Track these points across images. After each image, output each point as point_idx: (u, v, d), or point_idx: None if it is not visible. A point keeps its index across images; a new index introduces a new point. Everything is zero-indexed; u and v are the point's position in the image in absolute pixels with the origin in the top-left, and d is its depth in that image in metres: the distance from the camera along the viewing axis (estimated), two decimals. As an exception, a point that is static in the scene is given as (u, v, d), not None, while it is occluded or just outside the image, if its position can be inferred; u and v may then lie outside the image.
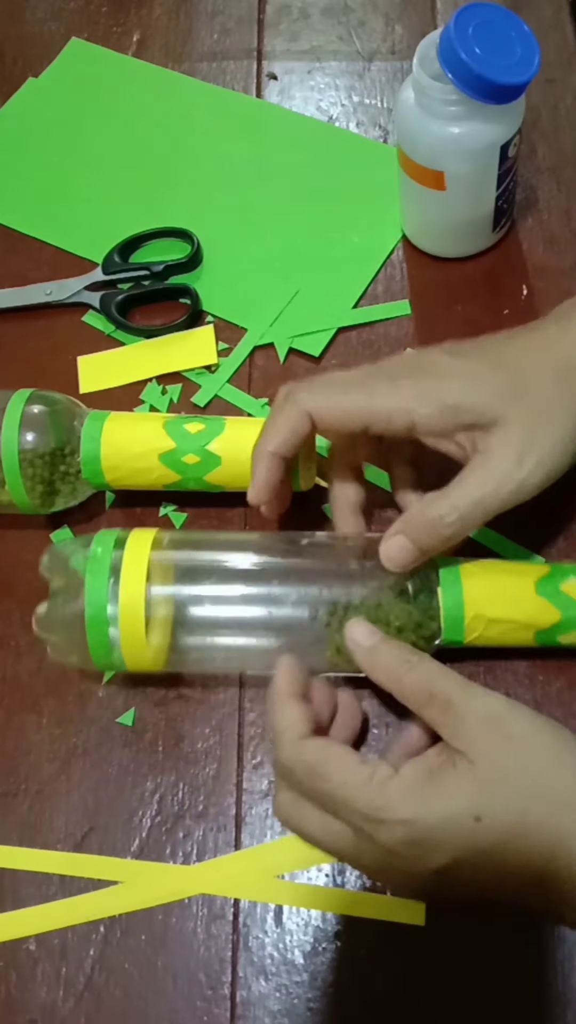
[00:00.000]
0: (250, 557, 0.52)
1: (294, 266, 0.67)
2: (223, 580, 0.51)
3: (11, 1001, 0.48)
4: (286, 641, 0.50)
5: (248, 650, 0.51)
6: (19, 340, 0.67)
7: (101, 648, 0.49)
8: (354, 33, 0.78)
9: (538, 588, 0.49)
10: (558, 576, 0.50)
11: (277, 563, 0.52)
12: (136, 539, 0.51)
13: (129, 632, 0.49)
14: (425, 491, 0.51)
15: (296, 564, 0.52)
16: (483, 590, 0.49)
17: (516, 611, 0.49)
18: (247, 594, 0.50)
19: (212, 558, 0.52)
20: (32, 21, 0.80)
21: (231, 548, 0.52)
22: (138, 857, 0.51)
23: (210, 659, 0.52)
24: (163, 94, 0.76)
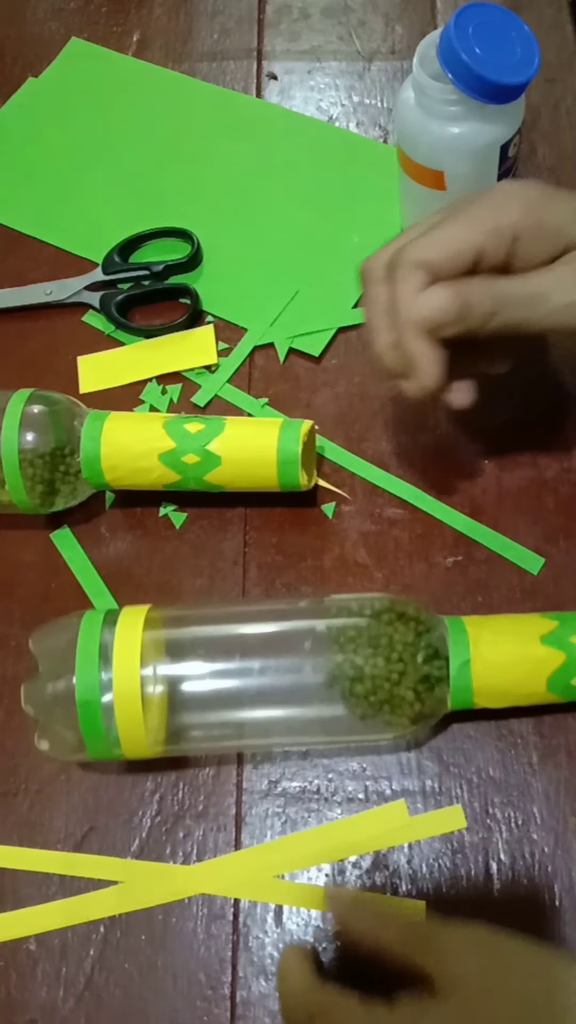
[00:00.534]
0: (249, 627, 0.50)
1: (294, 266, 0.67)
2: (220, 655, 0.49)
3: (11, 1001, 0.48)
4: (293, 709, 0.49)
5: (250, 724, 0.50)
6: (19, 340, 0.67)
7: (100, 750, 0.48)
8: (354, 33, 0.78)
9: (550, 685, 0.48)
10: (573, 668, 0.48)
11: (277, 631, 0.50)
12: (126, 622, 0.49)
13: (128, 724, 0.47)
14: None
15: (299, 630, 0.50)
16: (493, 690, 0.49)
17: (522, 702, 0.50)
18: (248, 667, 0.49)
19: (207, 633, 0.50)
20: (32, 21, 0.80)
21: (225, 621, 0.51)
22: (138, 857, 0.51)
23: (211, 739, 0.51)
24: (163, 94, 0.76)
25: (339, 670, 0.48)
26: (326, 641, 0.49)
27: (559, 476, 0.59)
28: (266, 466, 0.55)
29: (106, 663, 0.47)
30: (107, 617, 0.49)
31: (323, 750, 0.52)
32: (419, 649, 0.48)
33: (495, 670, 0.48)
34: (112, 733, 0.48)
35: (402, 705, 0.48)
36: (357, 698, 0.48)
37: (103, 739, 0.48)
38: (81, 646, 0.48)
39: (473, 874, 0.49)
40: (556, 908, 0.48)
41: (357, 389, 0.63)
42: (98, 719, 0.47)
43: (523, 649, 0.49)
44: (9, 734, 0.54)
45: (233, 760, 0.53)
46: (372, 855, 0.50)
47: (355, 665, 0.48)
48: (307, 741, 0.52)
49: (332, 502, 0.59)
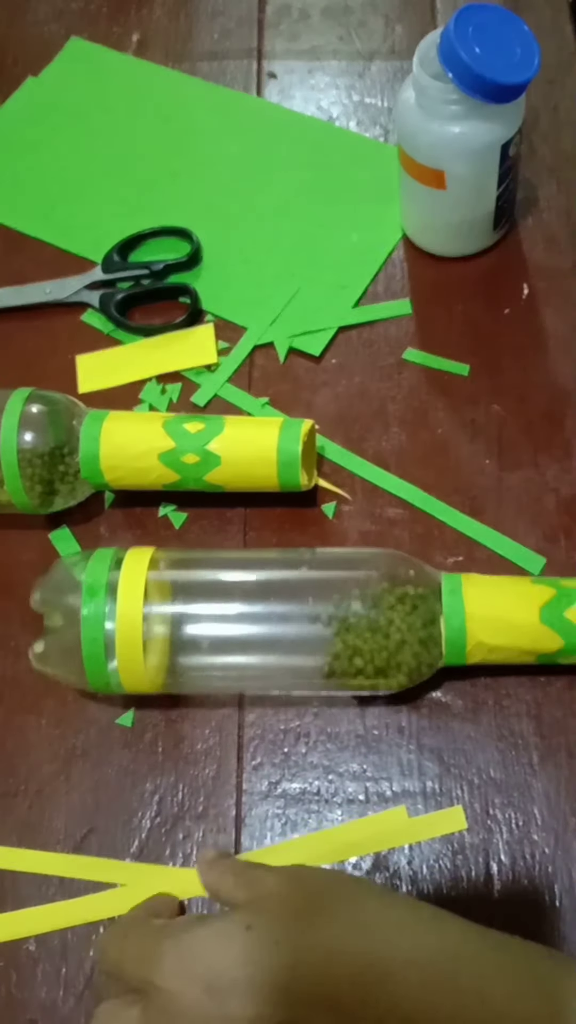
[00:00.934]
0: (249, 574, 0.51)
1: (294, 265, 0.67)
2: (222, 598, 0.51)
3: (11, 1001, 0.48)
4: (287, 657, 0.50)
5: (247, 668, 0.51)
6: (18, 339, 0.66)
7: (99, 674, 0.49)
8: (354, 33, 0.78)
9: (542, 616, 0.49)
10: (563, 601, 0.49)
11: (276, 579, 0.51)
12: (132, 560, 0.50)
13: (127, 656, 0.49)
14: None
15: (296, 580, 0.51)
16: (486, 617, 0.49)
17: (519, 639, 0.49)
18: (246, 612, 0.50)
19: (209, 577, 0.52)
20: (32, 21, 0.80)
21: (229, 566, 0.52)
22: (138, 858, 0.51)
23: (209, 679, 0.52)
24: (163, 94, 0.76)
25: (338, 659, 0.49)
26: (326, 593, 0.50)
27: (559, 476, 0.59)
28: (266, 466, 0.55)
29: (111, 597, 0.49)
30: (114, 554, 0.51)
31: (322, 739, 0.52)
32: (417, 617, 0.49)
33: (486, 596, 0.49)
34: (112, 666, 0.49)
35: (400, 667, 0.49)
36: (356, 672, 0.49)
37: (102, 664, 0.49)
38: (89, 574, 0.49)
39: (474, 875, 0.49)
40: (556, 908, 0.48)
41: (357, 389, 0.63)
42: (100, 647, 0.48)
43: (513, 583, 0.51)
44: (9, 734, 0.54)
45: (233, 761, 0.53)
46: (372, 856, 0.50)
47: (355, 648, 0.49)
48: (305, 684, 0.52)
49: (332, 502, 0.59)
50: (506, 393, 0.61)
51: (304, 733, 0.53)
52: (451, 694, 0.53)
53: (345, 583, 0.50)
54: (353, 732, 0.53)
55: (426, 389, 0.62)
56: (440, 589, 0.50)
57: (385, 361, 0.63)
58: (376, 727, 0.53)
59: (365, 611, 0.49)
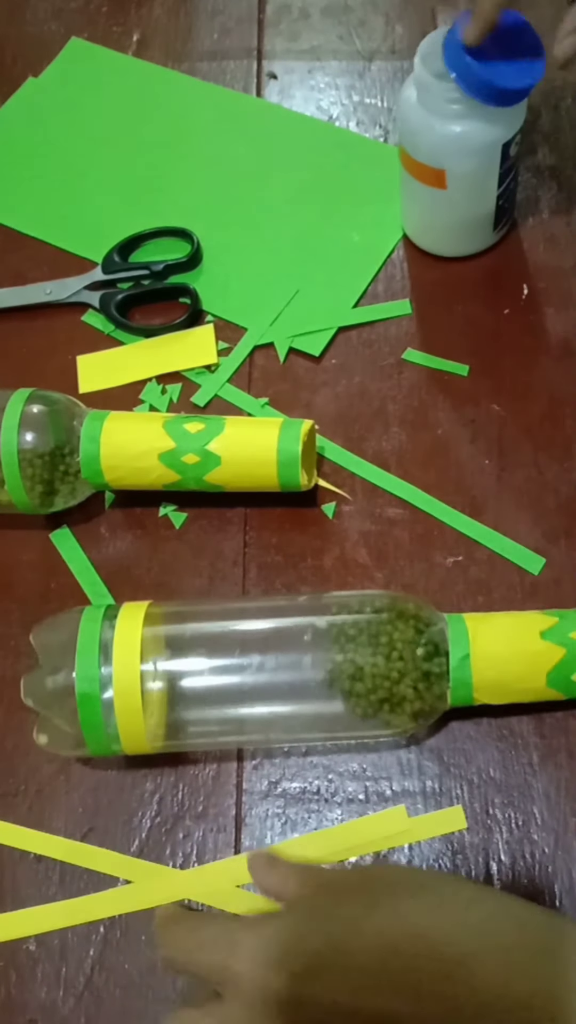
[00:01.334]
0: (248, 624, 0.50)
1: (294, 266, 0.67)
2: (220, 652, 0.49)
3: (11, 1001, 0.48)
4: (293, 705, 0.49)
5: (249, 720, 0.50)
6: (19, 340, 0.66)
7: (102, 749, 0.48)
8: (354, 33, 0.78)
9: (549, 680, 0.48)
10: (572, 664, 0.48)
11: (276, 628, 0.50)
12: (125, 620, 0.49)
13: (128, 731, 0.48)
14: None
15: (298, 626, 0.50)
16: (493, 684, 0.48)
17: (522, 697, 0.50)
18: (245, 664, 0.49)
19: (207, 630, 0.50)
20: (32, 21, 0.80)
21: (226, 617, 0.51)
22: (137, 858, 0.51)
23: (211, 733, 0.51)
24: (163, 94, 0.76)
25: (339, 669, 0.48)
26: (326, 638, 0.49)
27: (559, 476, 0.59)
28: (266, 466, 0.55)
29: (106, 658, 0.48)
30: (107, 612, 0.49)
31: (323, 747, 0.52)
32: (419, 646, 0.48)
33: (495, 664, 0.48)
34: (112, 728, 0.48)
35: (402, 703, 0.48)
36: (357, 696, 0.48)
37: (102, 733, 0.48)
38: (81, 640, 0.48)
39: (473, 875, 0.49)
40: (556, 908, 0.48)
41: (357, 389, 0.63)
42: (98, 713, 0.47)
43: (523, 644, 0.49)
44: (9, 734, 0.54)
45: (233, 760, 0.53)
46: (372, 856, 0.50)
47: (355, 664, 0.48)
48: (307, 737, 0.52)
49: (332, 502, 0.59)
50: (506, 393, 0.61)
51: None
52: (451, 694, 0.53)
53: (346, 622, 0.49)
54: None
55: (426, 389, 0.62)
56: (441, 625, 0.49)
57: (385, 361, 0.63)
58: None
59: (367, 644, 0.48)
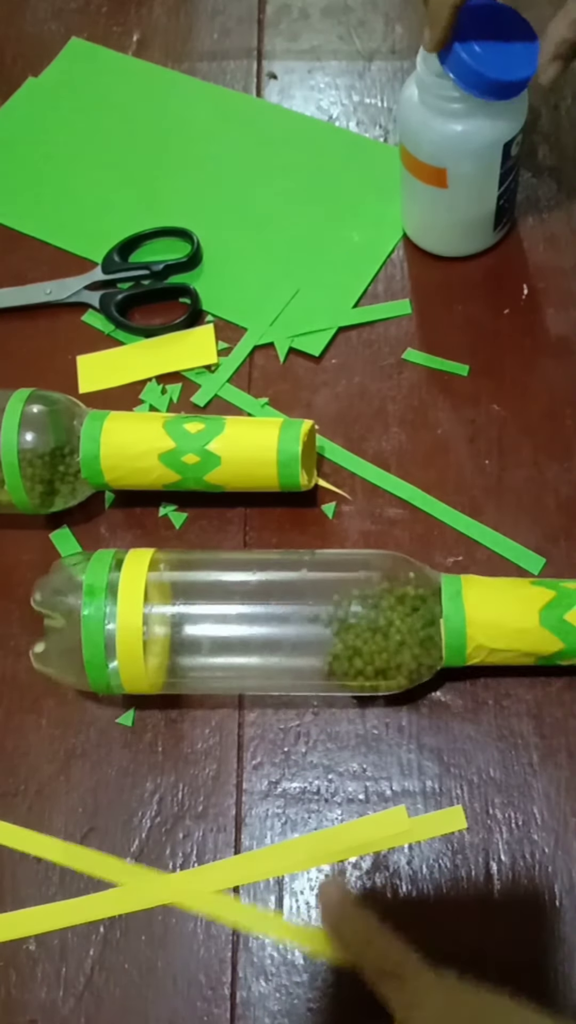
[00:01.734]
0: (249, 575, 0.51)
1: (294, 266, 0.67)
2: (222, 599, 0.51)
3: (11, 1001, 0.48)
4: (286, 658, 0.50)
5: (247, 669, 0.51)
6: (19, 340, 0.66)
7: (99, 674, 0.49)
8: (354, 33, 0.78)
9: (542, 619, 0.49)
10: (563, 603, 0.49)
11: (277, 580, 0.51)
12: (132, 561, 0.50)
13: (127, 658, 0.49)
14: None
15: (296, 580, 0.51)
16: (486, 621, 0.49)
17: (519, 642, 0.49)
18: (246, 613, 0.50)
19: (209, 578, 0.52)
20: (32, 21, 0.80)
21: (229, 567, 0.52)
22: (138, 858, 0.51)
23: (209, 679, 0.52)
24: (163, 94, 0.76)
25: (339, 657, 0.49)
26: (326, 593, 0.50)
27: (559, 476, 0.59)
28: (266, 466, 0.55)
29: (111, 599, 0.49)
30: (114, 555, 0.51)
31: (323, 739, 0.52)
32: (417, 618, 0.49)
33: (486, 601, 0.49)
34: (113, 667, 0.49)
35: (400, 669, 0.49)
36: (356, 673, 0.49)
37: (102, 663, 0.49)
38: (89, 574, 0.50)
39: (473, 875, 0.49)
40: (556, 908, 0.48)
41: (357, 389, 0.63)
42: (100, 640, 0.48)
43: (514, 586, 0.51)
44: (9, 734, 0.54)
45: (233, 761, 0.53)
46: (372, 856, 0.50)
47: (355, 649, 0.49)
48: (305, 685, 0.52)
49: (332, 502, 0.59)
50: (506, 393, 0.61)
51: (304, 732, 0.53)
52: (451, 694, 0.53)
53: (345, 584, 0.50)
54: (353, 731, 0.53)
55: (426, 389, 0.62)
56: (439, 590, 0.50)
57: (385, 361, 0.63)
58: (376, 726, 0.53)
59: (365, 612, 0.49)
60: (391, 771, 0.52)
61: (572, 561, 0.56)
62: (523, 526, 0.57)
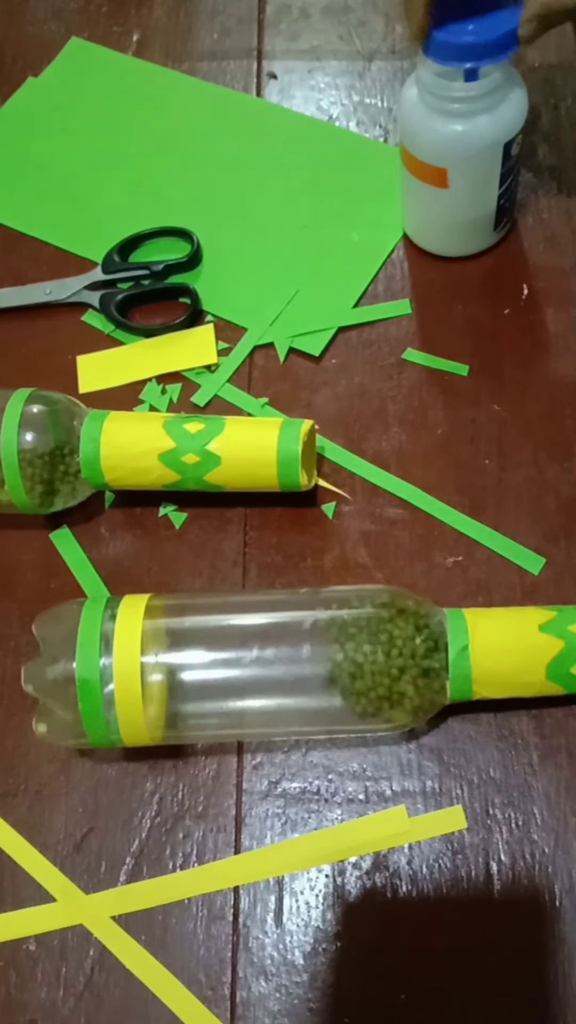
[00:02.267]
0: (248, 618, 0.51)
1: (294, 266, 0.67)
2: (220, 645, 0.50)
3: (11, 1001, 0.48)
4: (292, 699, 0.49)
5: (249, 713, 0.50)
6: (19, 340, 0.66)
7: (102, 739, 0.49)
8: (354, 33, 0.78)
9: (549, 673, 0.48)
10: (571, 656, 0.48)
11: (276, 623, 0.50)
12: (127, 612, 0.49)
13: (128, 720, 0.48)
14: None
15: (296, 622, 0.50)
16: (492, 676, 0.48)
17: (523, 691, 0.49)
18: (245, 657, 0.49)
19: (207, 623, 0.51)
20: (32, 21, 0.80)
21: (226, 611, 0.51)
22: (137, 858, 0.51)
23: (210, 726, 0.51)
24: (163, 94, 0.76)
25: (339, 668, 0.48)
26: (326, 634, 0.49)
27: (559, 476, 0.59)
28: (266, 466, 0.55)
29: (106, 649, 0.48)
30: (108, 604, 0.50)
31: (323, 746, 0.52)
32: (419, 643, 0.48)
33: (494, 657, 0.48)
34: (111, 719, 0.48)
35: (402, 699, 0.48)
36: (357, 694, 0.48)
37: (102, 723, 0.48)
38: (82, 629, 0.48)
39: (473, 875, 0.49)
40: (556, 908, 0.48)
41: (357, 389, 0.63)
42: (98, 701, 0.47)
43: (522, 636, 0.49)
44: (9, 734, 0.54)
45: (233, 760, 0.53)
46: (372, 856, 0.50)
47: (355, 662, 0.48)
48: (306, 731, 0.52)
49: (332, 502, 0.59)
50: (506, 393, 0.61)
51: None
52: (451, 694, 0.53)
53: (346, 623, 0.49)
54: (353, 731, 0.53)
55: (426, 389, 0.62)
56: (441, 621, 0.49)
57: (385, 361, 0.63)
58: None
59: (365, 646, 0.48)
60: (391, 771, 0.52)
61: (572, 561, 0.56)
62: (523, 526, 0.57)
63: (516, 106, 0.57)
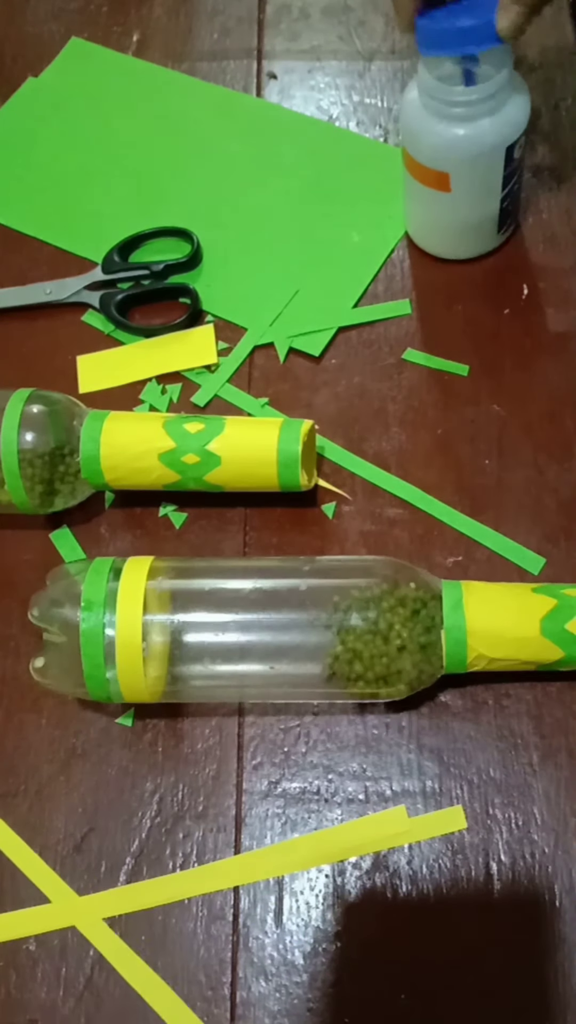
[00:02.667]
0: (249, 583, 0.51)
1: (294, 266, 0.67)
2: (221, 607, 0.51)
3: (11, 1001, 0.48)
4: (286, 664, 0.50)
5: (247, 676, 0.51)
6: (19, 340, 0.66)
7: (99, 686, 0.49)
8: (354, 33, 0.78)
9: (543, 628, 0.49)
10: (564, 613, 0.49)
11: (276, 587, 0.51)
12: (131, 570, 0.50)
13: (127, 668, 0.48)
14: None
15: (296, 588, 0.51)
16: (487, 631, 0.49)
17: (520, 652, 0.49)
18: (245, 620, 0.50)
19: (208, 586, 0.52)
20: (32, 21, 0.80)
21: (228, 575, 0.52)
22: (137, 858, 0.51)
23: (209, 687, 0.52)
24: (163, 94, 0.76)
25: (338, 661, 0.49)
26: (326, 601, 0.50)
27: (559, 476, 0.59)
28: (266, 466, 0.55)
29: (110, 608, 0.49)
30: (113, 563, 0.51)
31: (323, 740, 0.53)
32: (417, 623, 0.49)
33: (487, 611, 0.49)
34: (112, 677, 0.49)
35: (400, 675, 0.49)
36: (356, 679, 0.49)
37: (102, 671, 0.48)
38: (91, 571, 0.50)
39: (473, 875, 0.49)
40: (556, 908, 0.48)
41: (357, 389, 0.63)
42: (99, 650, 0.48)
43: (515, 594, 0.50)
44: (9, 734, 0.54)
45: (233, 761, 0.53)
46: (372, 856, 0.50)
47: (355, 652, 0.49)
48: (305, 692, 0.52)
49: (332, 502, 0.59)
50: (506, 393, 0.61)
51: (304, 733, 0.53)
52: (451, 694, 0.53)
53: (345, 590, 0.50)
54: (353, 732, 0.53)
55: (426, 389, 0.62)
56: (440, 596, 0.50)
57: (385, 361, 0.63)
58: (376, 727, 0.53)
59: (365, 617, 0.49)
60: (391, 771, 0.52)
61: (572, 561, 0.56)
62: (523, 526, 0.57)
63: (518, 109, 0.57)
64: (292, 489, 0.56)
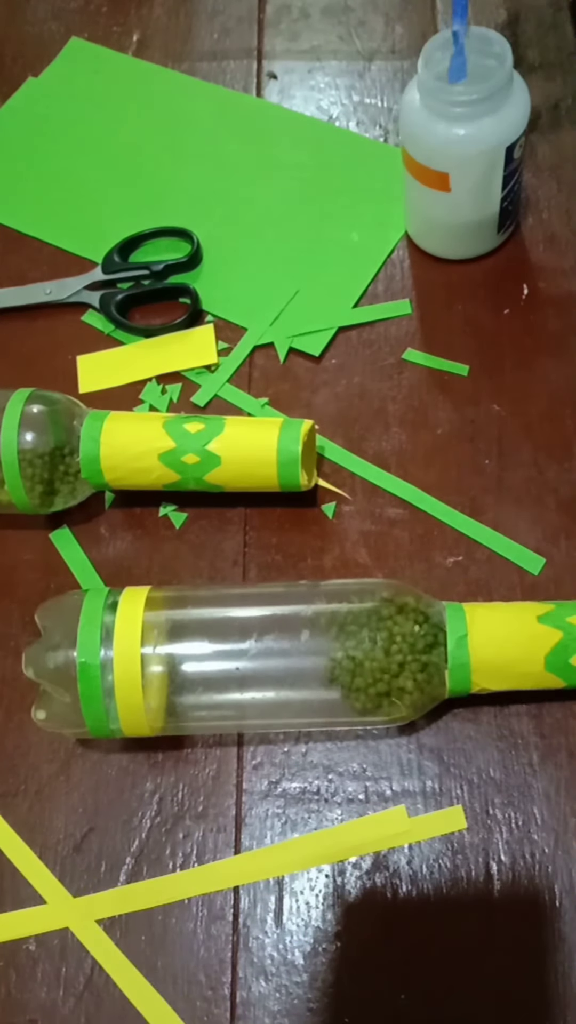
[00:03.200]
0: (248, 611, 0.51)
1: (294, 266, 0.67)
2: (221, 637, 0.50)
3: (11, 1001, 0.48)
4: (291, 692, 0.49)
5: (248, 705, 0.50)
6: (19, 340, 0.66)
7: (101, 729, 0.49)
8: (354, 33, 0.78)
9: (548, 664, 0.48)
10: (570, 648, 0.48)
11: (277, 615, 0.50)
12: (127, 606, 0.49)
13: (128, 711, 0.48)
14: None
15: (297, 615, 0.50)
16: (491, 665, 0.48)
17: (522, 682, 0.49)
18: (245, 649, 0.49)
19: (207, 615, 0.51)
20: (32, 21, 0.80)
21: (226, 603, 0.51)
22: (137, 858, 0.51)
23: (210, 718, 0.51)
24: (163, 94, 0.76)
25: (339, 666, 0.48)
26: (326, 629, 0.49)
27: (559, 476, 0.59)
28: (266, 466, 0.55)
29: (107, 641, 0.48)
30: (109, 594, 0.50)
31: (324, 748, 0.52)
32: (418, 639, 0.48)
33: (492, 646, 0.49)
34: (111, 708, 0.48)
35: (401, 695, 0.48)
36: (357, 691, 0.48)
37: (101, 710, 0.48)
38: (84, 617, 0.49)
39: (473, 875, 0.49)
40: (556, 908, 0.48)
41: (357, 389, 0.63)
42: (97, 688, 0.48)
43: (520, 627, 0.49)
44: (9, 734, 0.54)
45: (233, 760, 0.53)
46: (372, 856, 0.50)
47: (355, 660, 0.48)
48: (305, 723, 0.52)
49: (332, 502, 0.59)
50: (506, 393, 0.61)
51: (304, 732, 0.53)
52: (451, 694, 0.53)
53: (347, 615, 0.49)
54: (353, 732, 0.53)
55: (426, 389, 0.62)
56: (442, 618, 0.49)
57: (385, 361, 0.63)
58: (376, 727, 0.53)
59: (367, 639, 0.48)
60: (391, 771, 0.52)
61: (572, 561, 0.56)
62: (523, 526, 0.57)
63: (518, 109, 0.57)
64: (292, 489, 0.56)
